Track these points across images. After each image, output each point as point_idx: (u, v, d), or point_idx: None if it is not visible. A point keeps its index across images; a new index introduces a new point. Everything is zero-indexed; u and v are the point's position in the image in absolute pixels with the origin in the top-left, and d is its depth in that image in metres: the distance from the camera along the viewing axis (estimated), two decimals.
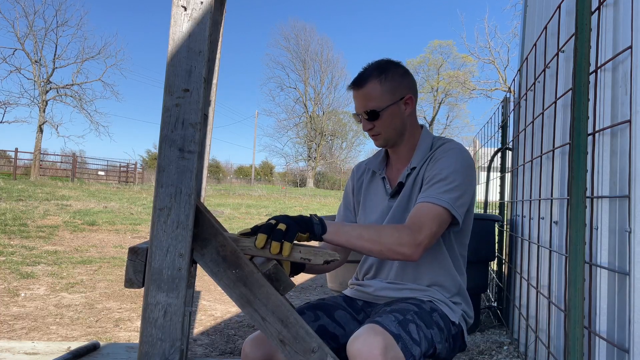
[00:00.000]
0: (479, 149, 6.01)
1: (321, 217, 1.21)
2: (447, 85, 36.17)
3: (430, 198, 1.28)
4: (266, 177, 48.21)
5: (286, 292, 1.08)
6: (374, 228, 1.24)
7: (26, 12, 23.23)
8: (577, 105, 1.27)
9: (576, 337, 1.23)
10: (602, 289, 1.41)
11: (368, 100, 1.40)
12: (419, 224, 1.23)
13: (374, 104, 1.40)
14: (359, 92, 1.42)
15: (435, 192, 1.29)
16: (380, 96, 1.40)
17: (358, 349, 1.08)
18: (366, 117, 1.42)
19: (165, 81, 0.98)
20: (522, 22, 3.59)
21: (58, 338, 2.83)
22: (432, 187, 1.31)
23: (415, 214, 1.27)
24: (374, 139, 1.47)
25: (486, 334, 3.11)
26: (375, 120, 1.42)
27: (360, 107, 1.43)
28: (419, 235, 1.21)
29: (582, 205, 1.24)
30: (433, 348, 1.24)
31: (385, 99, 1.41)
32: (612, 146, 1.43)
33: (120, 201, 12.20)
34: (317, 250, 1.11)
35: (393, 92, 1.41)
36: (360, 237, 1.20)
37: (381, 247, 1.20)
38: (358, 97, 1.42)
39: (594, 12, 1.50)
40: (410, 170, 1.44)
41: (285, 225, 1.08)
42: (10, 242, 6.08)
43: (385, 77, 1.41)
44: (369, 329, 1.12)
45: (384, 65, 1.44)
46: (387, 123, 1.42)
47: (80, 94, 24.62)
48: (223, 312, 3.63)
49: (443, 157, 1.37)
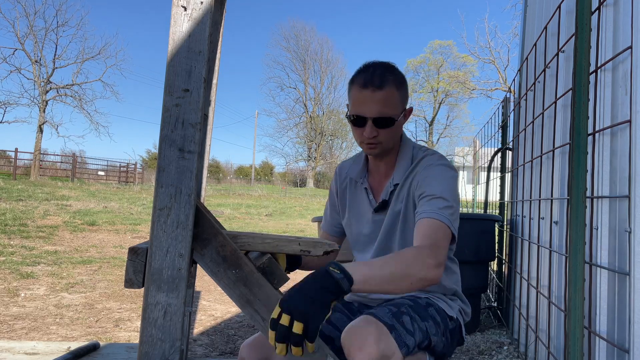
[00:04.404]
0: (479, 149, 6.01)
1: (341, 265, 0.98)
2: (447, 85, 36.15)
3: (434, 214, 1.21)
4: (266, 177, 48.18)
5: (280, 286, 1.09)
6: (397, 261, 1.07)
7: (26, 12, 23.26)
8: (577, 105, 1.27)
9: (576, 337, 1.23)
10: (602, 289, 1.41)
11: (384, 106, 1.27)
12: (436, 244, 1.15)
13: (390, 111, 1.28)
14: (376, 94, 1.26)
15: (435, 207, 1.22)
16: (396, 104, 1.30)
17: (352, 339, 1.10)
18: (375, 123, 1.28)
19: (165, 81, 0.98)
20: (522, 22, 3.58)
21: (58, 338, 2.83)
22: (429, 203, 1.24)
23: (428, 232, 1.18)
24: (369, 147, 1.33)
25: (486, 334, 3.10)
26: (384, 129, 1.29)
27: (373, 110, 1.27)
28: (440, 256, 1.13)
29: (582, 205, 1.24)
30: (428, 340, 1.24)
31: (399, 108, 1.31)
32: (612, 146, 1.43)
33: (120, 201, 12.20)
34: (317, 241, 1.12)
35: (403, 101, 1.34)
36: (391, 281, 1.03)
37: (411, 281, 1.06)
38: (373, 99, 1.26)
39: (594, 12, 1.50)
40: (393, 187, 1.38)
41: (302, 325, 0.88)
42: (10, 242, 6.08)
43: (400, 83, 1.31)
44: (363, 320, 1.14)
45: (398, 71, 1.33)
46: (392, 133, 1.32)
47: (80, 94, 24.65)
48: (223, 312, 3.63)
49: (431, 175, 1.30)
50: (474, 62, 33.53)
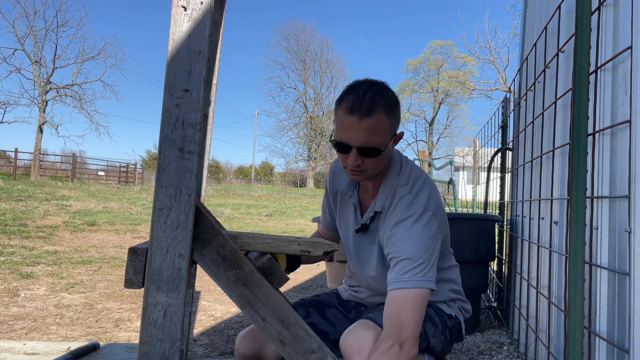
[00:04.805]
0: (479, 149, 6.01)
1: None
2: (447, 85, 36.16)
3: (401, 283, 1.13)
4: (266, 177, 48.19)
5: (280, 286, 1.09)
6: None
7: (26, 13, 23.30)
8: (577, 105, 1.27)
9: (576, 337, 1.23)
10: (602, 289, 1.41)
11: (372, 135, 1.16)
12: (399, 324, 1.10)
13: (377, 141, 1.17)
14: (363, 122, 1.15)
15: (401, 274, 1.14)
16: (385, 133, 1.19)
17: (350, 343, 1.10)
18: (359, 152, 1.18)
19: (165, 81, 0.98)
20: (522, 22, 3.58)
21: (58, 338, 2.83)
22: (395, 269, 1.15)
23: (392, 311, 1.12)
24: (353, 173, 1.23)
25: (486, 334, 3.10)
26: (370, 158, 1.19)
27: (359, 139, 1.16)
28: (402, 336, 1.09)
29: (582, 205, 1.24)
30: (426, 342, 1.25)
31: (388, 136, 1.20)
32: (612, 146, 1.43)
33: (120, 201, 12.20)
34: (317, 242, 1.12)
35: (393, 127, 1.22)
36: None
37: None
38: (360, 127, 1.15)
39: (594, 12, 1.50)
40: (373, 213, 1.31)
41: None
42: (10, 242, 6.07)
43: (391, 109, 1.19)
44: (361, 324, 1.14)
45: (390, 93, 1.22)
46: (379, 162, 1.22)
47: (80, 94, 24.68)
48: (223, 313, 3.63)
49: (399, 232, 1.19)
50: (474, 62, 33.56)
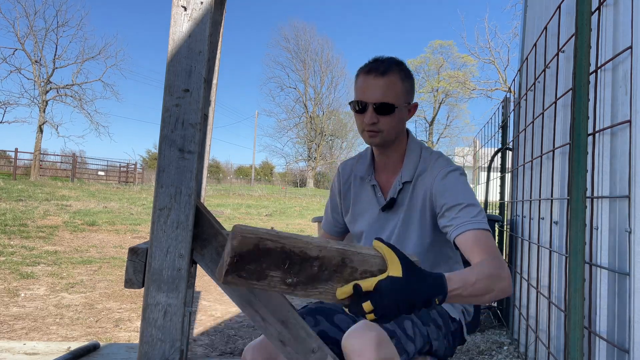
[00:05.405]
0: (479, 149, 6.01)
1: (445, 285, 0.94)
2: (447, 85, 36.15)
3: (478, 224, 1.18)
4: (266, 177, 48.20)
5: None
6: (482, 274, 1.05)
7: (26, 12, 23.25)
8: (577, 105, 1.27)
9: (576, 337, 1.23)
10: (602, 289, 1.41)
11: (387, 92, 1.28)
12: (497, 255, 1.12)
13: (392, 98, 1.29)
14: (379, 80, 1.28)
15: (473, 216, 1.19)
16: (399, 94, 1.31)
17: (352, 344, 1.09)
18: (375, 109, 1.29)
19: (165, 81, 0.98)
20: (522, 22, 3.58)
21: (58, 338, 2.83)
22: (465, 212, 1.21)
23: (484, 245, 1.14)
24: (370, 135, 1.33)
25: (486, 334, 3.10)
26: (384, 116, 1.30)
27: (375, 95, 1.28)
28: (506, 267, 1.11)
29: (582, 205, 1.24)
30: (429, 345, 1.24)
31: (402, 98, 1.32)
32: (612, 146, 1.43)
33: (120, 201, 12.20)
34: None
35: (407, 94, 1.34)
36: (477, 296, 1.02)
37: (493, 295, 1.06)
38: (376, 85, 1.28)
39: (594, 12, 1.50)
40: (402, 185, 1.36)
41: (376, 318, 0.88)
42: (10, 242, 6.07)
43: (406, 76, 1.33)
44: (364, 325, 1.13)
45: (405, 66, 1.35)
46: (393, 122, 1.32)
47: (80, 94, 24.64)
48: (223, 312, 3.63)
49: (451, 184, 1.28)
50: (474, 62, 33.54)
